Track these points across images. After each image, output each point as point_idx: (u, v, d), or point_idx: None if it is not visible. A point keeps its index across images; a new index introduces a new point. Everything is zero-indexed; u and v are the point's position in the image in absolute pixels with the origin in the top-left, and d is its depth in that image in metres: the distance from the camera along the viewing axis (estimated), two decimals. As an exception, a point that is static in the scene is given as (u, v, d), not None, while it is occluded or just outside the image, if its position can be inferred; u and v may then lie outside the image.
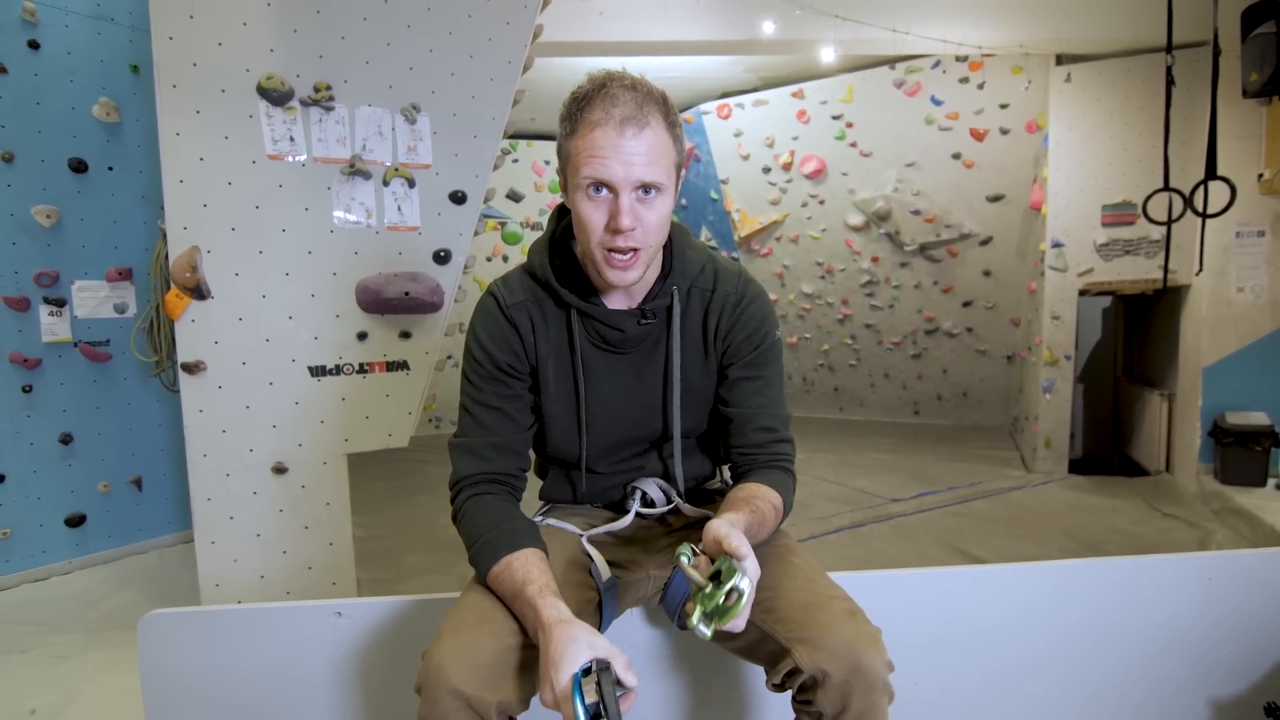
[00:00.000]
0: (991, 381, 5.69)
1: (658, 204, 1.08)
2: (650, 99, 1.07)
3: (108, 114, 3.04)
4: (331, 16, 2.22)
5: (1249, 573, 1.46)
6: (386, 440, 2.39)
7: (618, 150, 1.04)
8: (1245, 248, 3.81)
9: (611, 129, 1.03)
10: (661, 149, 1.07)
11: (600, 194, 1.06)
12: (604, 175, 1.04)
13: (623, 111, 1.04)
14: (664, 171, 1.07)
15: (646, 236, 1.08)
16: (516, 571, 1.04)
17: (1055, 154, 4.29)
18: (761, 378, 1.23)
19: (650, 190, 1.06)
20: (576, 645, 0.93)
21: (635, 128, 1.04)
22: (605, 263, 1.09)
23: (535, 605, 0.99)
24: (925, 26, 3.88)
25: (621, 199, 1.05)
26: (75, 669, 2.23)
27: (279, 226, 2.22)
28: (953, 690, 1.43)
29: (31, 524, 2.93)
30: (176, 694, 1.30)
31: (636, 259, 1.09)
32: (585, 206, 1.07)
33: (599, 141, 1.04)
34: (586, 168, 1.05)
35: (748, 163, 5.98)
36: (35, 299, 2.91)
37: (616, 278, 1.10)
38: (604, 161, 1.04)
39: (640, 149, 1.04)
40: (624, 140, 1.03)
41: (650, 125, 1.05)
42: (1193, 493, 3.86)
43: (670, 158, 1.09)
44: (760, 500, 1.12)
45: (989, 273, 5.38)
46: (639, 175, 1.05)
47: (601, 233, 1.07)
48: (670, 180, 1.09)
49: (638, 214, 1.06)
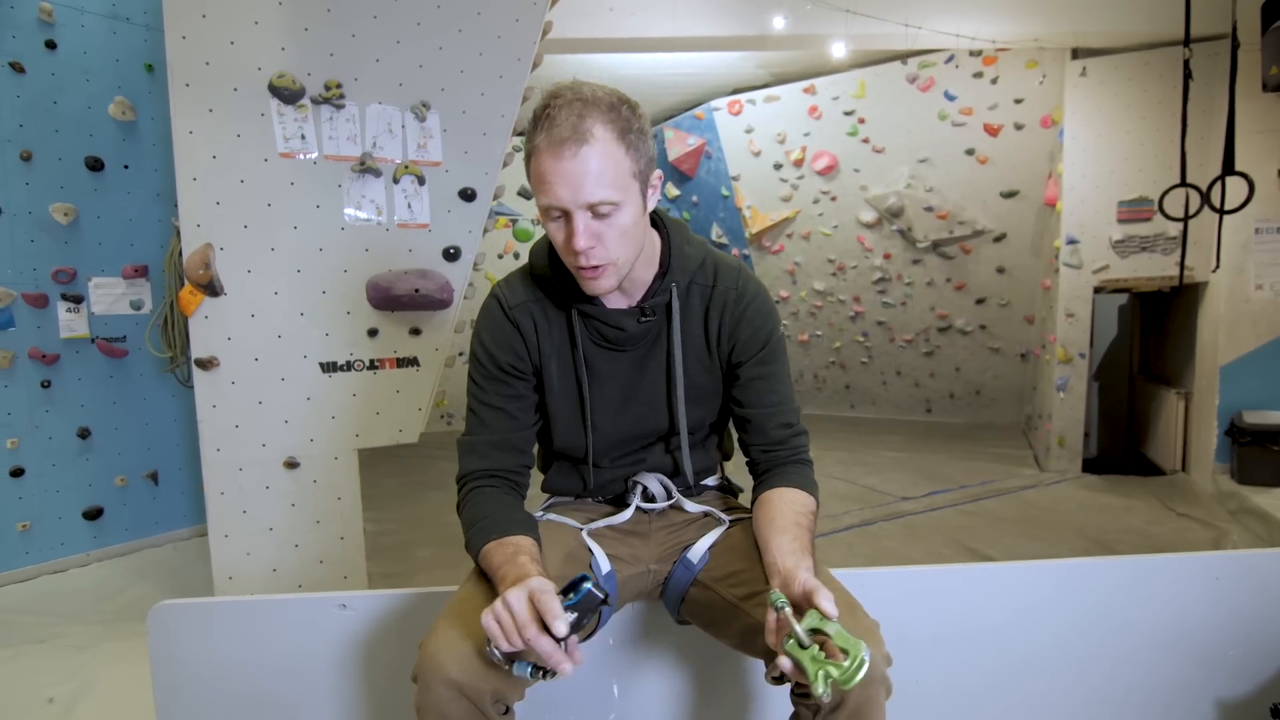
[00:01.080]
0: (1005, 379, 5.64)
1: (615, 218, 1.06)
2: (593, 111, 1.02)
3: (123, 113, 3.08)
4: (342, 15, 2.24)
5: (1257, 572, 1.44)
6: (397, 436, 2.41)
7: (560, 175, 1.02)
8: (1264, 244, 3.76)
9: (550, 155, 1.02)
10: (608, 162, 1.03)
11: (555, 218, 1.07)
12: (552, 201, 1.04)
13: (559, 133, 1.01)
14: (613, 186, 1.04)
15: (608, 252, 1.08)
16: (508, 545, 1.07)
17: (1070, 149, 4.24)
18: (773, 374, 1.24)
19: (604, 206, 1.04)
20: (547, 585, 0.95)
21: (573, 147, 1.01)
22: (579, 277, 1.11)
23: (525, 567, 1.00)
24: (938, 21, 3.85)
25: (575, 221, 1.04)
26: (92, 659, 2.27)
27: (290, 224, 2.24)
28: (955, 687, 1.43)
29: (50, 517, 2.98)
30: (186, 683, 1.32)
31: (606, 271, 1.10)
32: (550, 228, 1.09)
33: (542, 168, 1.03)
34: (539, 196, 1.06)
35: (759, 159, 5.96)
36: (53, 296, 2.96)
37: (590, 288, 1.12)
38: (549, 187, 1.03)
39: (581, 170, 1.01)
40: (562, 164, 1.01)
41: (589, 141, 1.01)
42: (1209, 492, 3.82)
43: (623, 168, 1.05)
44: (804, 515, 1.13)
45: (1003, 269, 5.34)
46: (585, 197, 1.03)
47: (565, 249, 1.09)
48: (625, 193, 1.06)
49: (594, 231, 1.06)
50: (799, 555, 1.03)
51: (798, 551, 1.04)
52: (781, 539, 1.07)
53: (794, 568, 0.99)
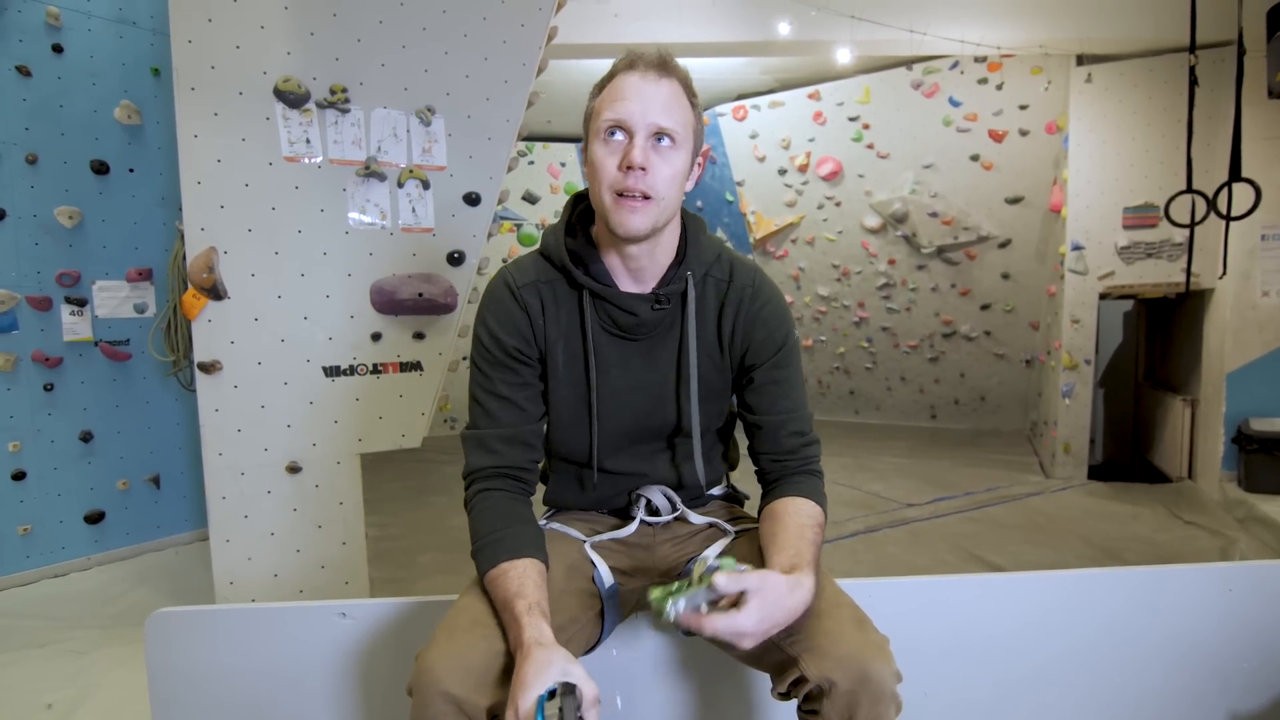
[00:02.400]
0: (1010, 386, 5.62)
1: (671, 156, 1.09)
2: (672, 64, 1.11)
3: (129, 116, 3.08)
4: (348, 19, 2.23)
5: (1271, 584, 1.42)
6: (400, 440, 2.40)
7: (637, 93, 1.07)
8: (1270, 251, 3.74)
9: (635, 75, 1.08)
10: (680, 104, 1.10)
11: (615, 137, 1.08)
12: (621, 115, 1.07)
13: (645, 63, 1.09)
14: (680, 122, 1.09)
15: (657, 184, 1.08)
16: (511, 581, 1.03)
17: (1075, 155, 4.23)
18: (787, 380, 1.22)
19: (664, 139, 1.08)
20: (550, 670, 0.91)
21: (656, 74, 1.08)
22: (615, 208, 1.08)
23: (520, 622, 0.97)
24: (943, 27, 3.85)
25: (635, 139, 1.07)
26: (92, 664, 2.26)
27: (295, 228, 2.24)
28: (964, 700, 1.41)
29: (52, 520, 2.98)
30: (183, 692, 1.31)
31: (647, 206, 1.08)
32: (600, 152, 1.09)
33: (620, 86, 1.08)
34: (606, 111, 1.08)
35: (763, 164, 5.96)
36: (57, 299, 2.96)
37: (625, 219, 1.08)
38: (623, 103, 1.07)
39: (659, 94, 1.07)
40: (645, 84, 1.07)
41: (670, 78, 1.09)
42: (1215, 500, 3.79)
43: (687, 115, 1.11)
44: (809, 528, 1.11)
45: (1008, 275, 5.32)
46: (655, 118, 1.07)
47: (614, 173, 1.08)
48: (686, 136, 1.10)
49: (650, 158, 1.07)
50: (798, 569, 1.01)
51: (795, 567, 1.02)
52: (781, 556, 1.05)
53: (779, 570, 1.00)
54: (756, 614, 0.93)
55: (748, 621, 0.93)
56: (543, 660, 0.92)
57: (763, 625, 0.94)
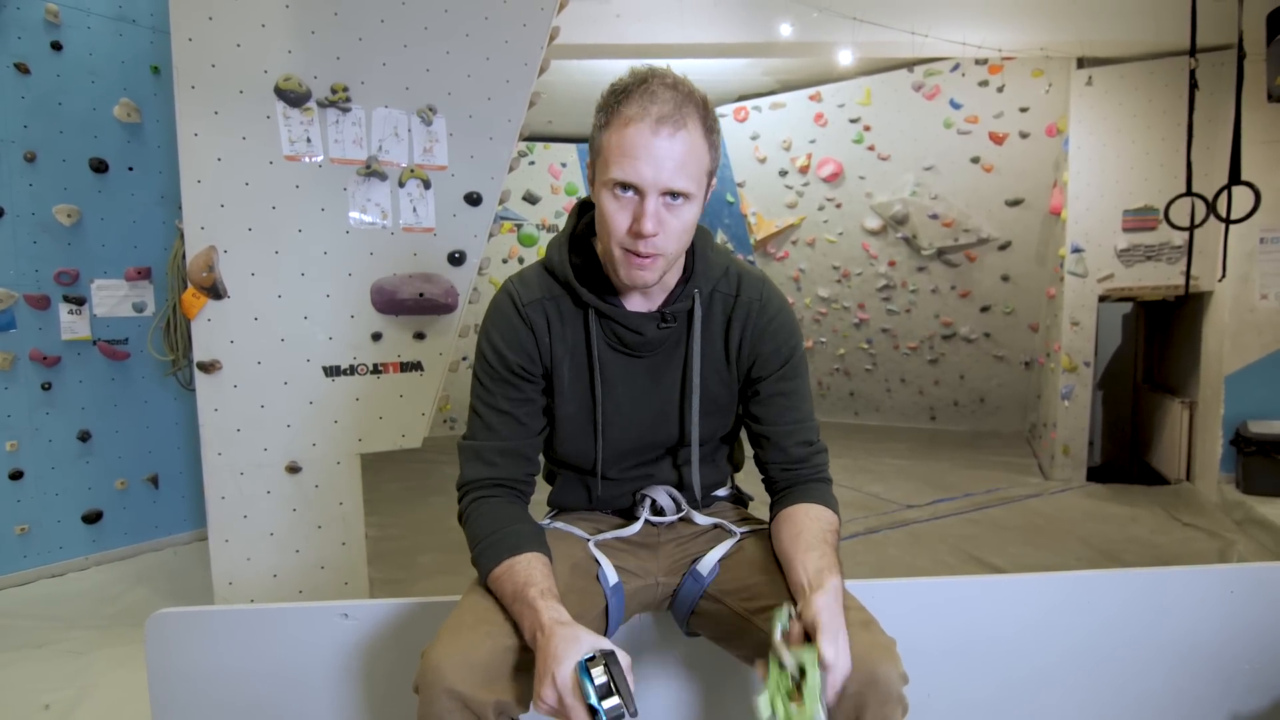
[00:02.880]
0: (1009, 387, 5.62)
1: (684, 211, 1.05)
2: (690, 100, 1.03)
3: (128, 115, 3.07)
4: (349, 18, 2.23)
5: (1272, 586, 1.42)
6: (400, 441, 2.39)
7: (649, 152, 1.00)
8: (1269, 254, 3.74)
9: (646, 128, 1.00)
10: (695, 155, 1.03)
11: (626, 194, 1.03)
12: (632, 178, 1.01)
13: (660, 110, 1.00)
14: (694, 179, 1.04)
15: (668, 243, 1.05)
16: (519, 573, 1.03)
17: (1076, 158, 4.23)
18: (794, 391, 1.21)
19: (678, 197, 1.04)
20: (580, 644, 0.92)
21: (671, 129, 1.01)
22: (624, 262, 1.06)
23: (536, 606, 0.97)
24: (944, 29, 3.85)
25: (647, 203, 1.02)
26: (90, 665, 2.25)
27: (295, 227, 2.23)
28: (966, 701, 1.41)
29: (49, 520, 2.97)
30: (183, 693, 1.30)
31: (656, 263, 1.06)
32: (610, 205, 1.04)
33: (632, 140, 1.01)
34: (616, 167, 1.02)
35: (764, 166, 5.96)
36: (55, 297, 2.95)
37: (634, 277, 1.07)
38: (634, 163, 1.01)
39: (673, 153, 1.01)
40: (657, 140, 1.00)
41: (686, 128, 1.02)
42: (1214, 502, 3.80)
43: (703, 164, 1.06)
44: (829, 532, 1.12)
45: (1007, 278, 5.33)
46: (667, 181, 1.01)
47: (624, 234, 1.04)
48: (700, 188, 1.06)
49: (662, 219, 1.03)
50: (824, 574, 1.01)
51: (823, 570, 1.02)
52: (807, 556, 1.05)
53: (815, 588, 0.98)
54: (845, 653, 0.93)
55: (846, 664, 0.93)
56: (569, 636, 0.92)
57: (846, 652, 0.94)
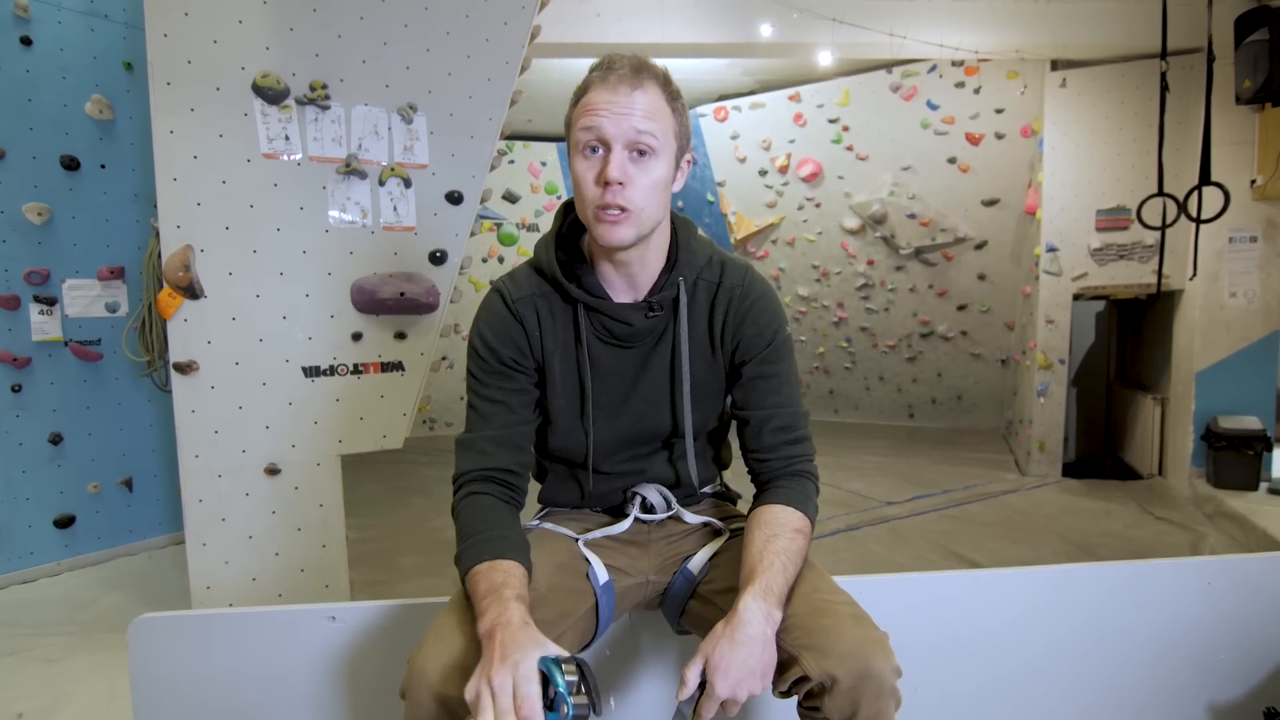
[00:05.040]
0: (986, 385, 5.70)
1: (650, 166, 1.07)
2: (648, 67, 1.09)
3: (100, 111, 3.01)
4: (328, 15, 2.20)
5: (1248, 578, 1.45)
6: (381, 442, 2.37)
7: (610, 105, 1.05)
8: (1238, 253, 3.83)
9: (607, 87, 1.06)
10: (656, 109, 1.07)
11: (595, 153, 1.07)
12: (594, 127, 1.05)
13: (619, 73, 1.06)
14: (657, 130, 1.07)
15: (636, 196, 1.07)
16: (497, 574, 1.02)
17: (1050, 159, 4.30)
18: (776, 375, 1.21)
19: (644, 152, 1.07)
20: (545, 646, 0.91)
21: (629, 86, 1.06)
22: (597, 221, 1.08)
23: (507, 605, 0.95)
24: (922, 31, 3.89)
25: (612, 154, 1.05)
26: (64, 672, 2.20)
27: (273, 226, 2.20)
28: (953, 694, 1.42)
29: (20, 525, 2.90)
30: (166, 698, 1.28)
31: (627, 217, 1.07)
32: (580, 166, 1.08)
33: (593, 99, 1.06)
34: (580, 123, 1.07)
35: (744, 165, 5.98)
36: (25, 297, 2.88)
37: (605, 233, 1.08)
38: (596, 116, 1.05)
39: (632, 105, 1.05)
40: (617, 96, 1.05)
41: (644, 87, 1.07)
42: (1185, 496, 3.88)
43: (667, 122, 1.09)
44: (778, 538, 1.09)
45: (984, 276, 5.40)
46: (630, 129, 1.05)
47: (593, 189, 1.07)
48: (666, 144, 1.09)
49: (628, 172, 1.06)
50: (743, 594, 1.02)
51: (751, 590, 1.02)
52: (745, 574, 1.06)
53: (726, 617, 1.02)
54: (721, 683, 0.96)
55: (723, 690, 0.96)
56: (536, 637, 0.91)
57: (733, 682, 0.96)
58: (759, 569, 1.04)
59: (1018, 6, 3.91)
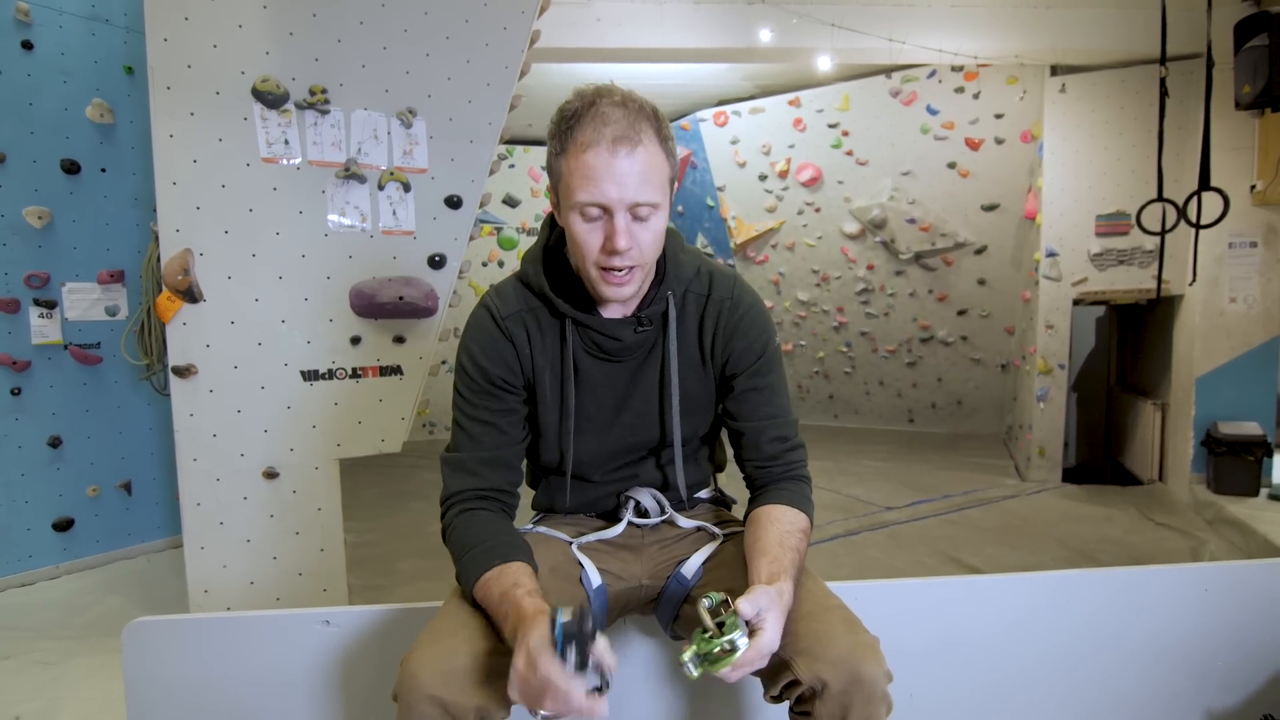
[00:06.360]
0: (986, 390, 5.69)
1: (653, 222, 1.07)
2: (642, 115, 1.05)
3: (101, 115, 3.02)
4: (328, 20, 2.21)
5: (1246, 584, 1.45)
6: (379, 445, 2.37)
7: (611, 172, 1.02)
8: (1238, 258, 3.83)
9: (604, 150, 1.01)
10: (654, 166, 1.05)
11: (595, 216, 1.05)
12: (598, 199, 1.03)
13: (614, 131, 1.02)
14: (658, 189, 1.06)
15: (642, 255, 1.07)
16: (507, 577, 1.02)
17: (1050, 164, 4.30)
18: (768, 386, 1.22)
19: (645, 209, 1.05)
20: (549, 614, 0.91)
21: (628, 147, 1.02)
22: (602, 281, 1.08)
23: (521, 603, 0.96)
24: (921, 36, 3.90)
25: (616, 220, 1.03)
26: (61, 675, 2.20)
27: (273, 230, 2.20)
28: (949, 700, 1.42)
29: (19, 528, 2.90)
30: (161, 702, 1.28)
31: (633, 275, 1.08)
32: (580, 228, 1.06)
33: (591, 163, 1.02)
34: (581, 191, 1.03)
35: (744, 170, 5.99)
36: (25, 301, 2.89)
37: (614, 294, 1.09)
38: (598, 185, 1.02)
39: (634, 169, 1.02)
40: (616, 161, 1.02)
41: (643, 143, 1.03)
42: (1185, 502, 3.87)
43: (664, 174, 1.08)
44: (791, 535, 1.11)
45: (984, 281, 5.40)
46: (633, 197, 1.03)
47: (598, 254, 1.06)
48: (664, 197, 1.08)
49: (633, 233, 1.05)
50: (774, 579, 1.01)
51: (775, 576, 1.02)
52: (760, 561, 1.05)
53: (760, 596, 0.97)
54: (775, 627, 0.94)
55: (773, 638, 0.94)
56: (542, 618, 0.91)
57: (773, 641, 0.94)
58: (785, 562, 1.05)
59: (1017, 11, 3.92)
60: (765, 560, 1.05)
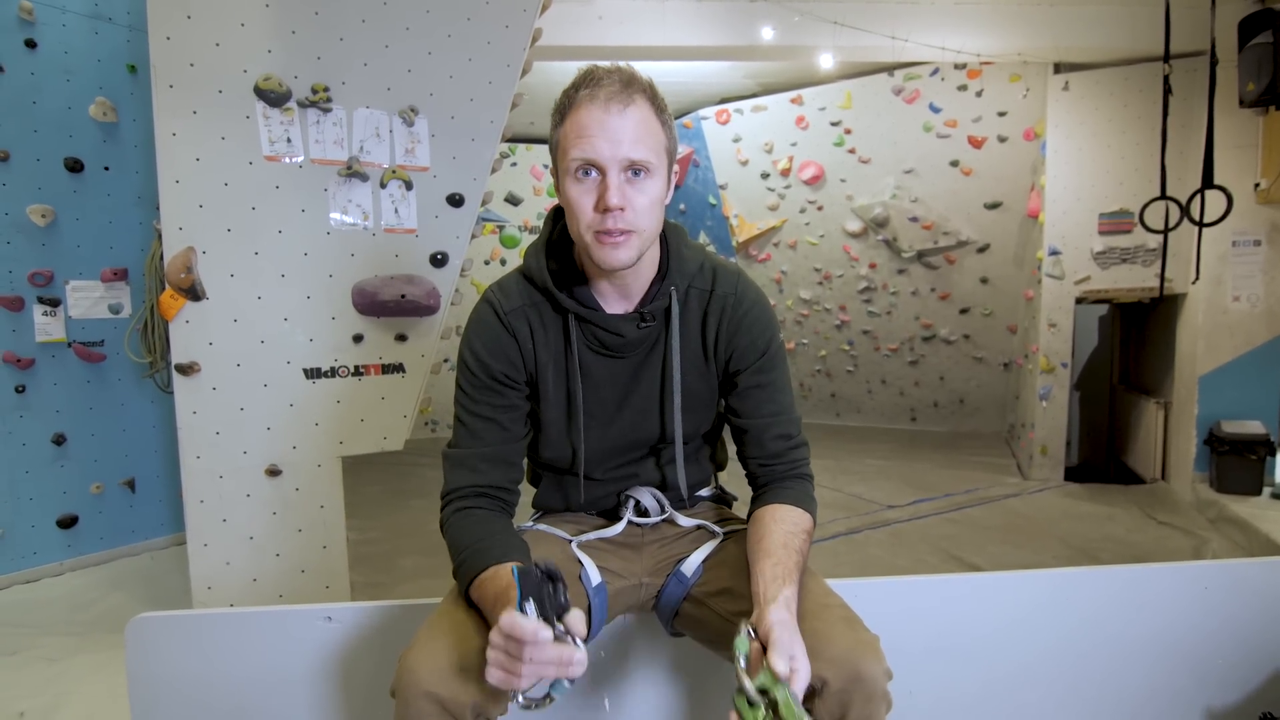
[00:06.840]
0: (988, 388, 5.69)
1: (647, 186, 1.06)
2: (635, 81, 1.06)
3: (104, 114, 3.03)
4: (330, 18, 2.22)
5: (1246, 582, 1.45)
6: (381, 443, 2.37)
7: (603, 128, 1.03)
8: (1241, 256, 3.82)
9: (597, 107, 1.03)
10: (648, 128, 1.06)
11: (589, 176, 1.05)
12: (590, 154, 1.03)
13: (607, 91, 1.03)
14: (652, 151, 1.06)
15: (637, 218, 1.06)
16: (502, 578, 1.02)
17: (1053, 162, 4.29)
18: (771, 384, 1.21)
19: (639, 171, 1.05)
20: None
21: (620, 104, 1.03)
22: (597, 245, 1.06)
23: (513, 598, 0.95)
24: (924, 34, 3.89)
25: (610, 178, 1.03)
26: (65, 671, 2.21)
27: (275, 228, 2.21)
28: (949, 698, 1.42)
29: (23, 525, 2.91)
30: (164, 698, 1.28)
31: (629, 239, 1.06)
32: (574, 190, 1.06)
33: (584, 121, 1.03)
34: (574, 149, 1.04)
35: (746, 168, 5.98)
36: (29, 299, 2.90)
37: (608, 256, 1.06)
38: (590, 141, 1.03)
39: (626, 126, 1.03)
40: (609, 117, 1.03)
41: (635, 103, 1.04)
42: (1188, 501, 3.86)
43: (659, 139, 1.08)
44: (794, 535, 1.10)
45: (986, 280, 5.39)
46: (626, 153, 1.03)
47: (591, 214, 1.05)
48: (660, 162, 1.08)
49: (626, 194, 1.04)
50: (779, 583, 1.00)
51: (779, 579, 1.01)
52: (764, 563, 1.04)
53: (768, 601, 0.97)
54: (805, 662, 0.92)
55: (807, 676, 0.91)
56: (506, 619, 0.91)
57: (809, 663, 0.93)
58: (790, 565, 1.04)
59: (1020, 9, 3.90)
60: (769, 563, 1.04)
